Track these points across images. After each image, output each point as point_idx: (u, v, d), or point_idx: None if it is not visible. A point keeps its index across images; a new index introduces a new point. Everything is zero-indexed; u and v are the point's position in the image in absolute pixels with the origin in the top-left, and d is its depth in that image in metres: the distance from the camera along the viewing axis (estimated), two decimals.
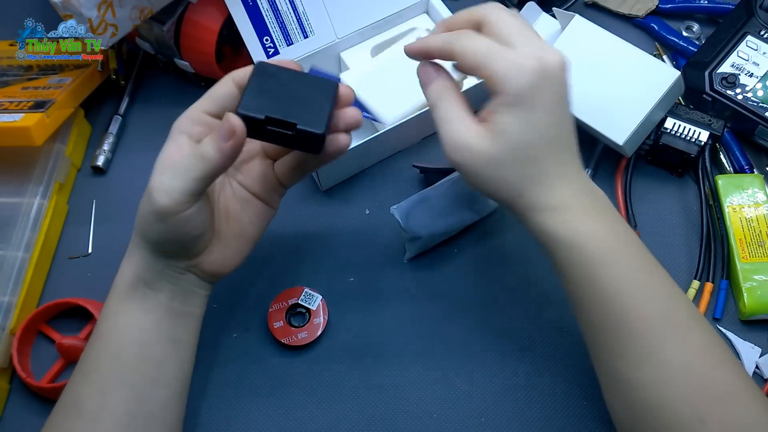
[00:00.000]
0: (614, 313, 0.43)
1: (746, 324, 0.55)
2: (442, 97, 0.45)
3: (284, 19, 0.62)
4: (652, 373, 0.42)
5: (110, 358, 0.45)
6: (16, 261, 0.56)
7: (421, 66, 0.47)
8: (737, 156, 0.62)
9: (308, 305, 0.55)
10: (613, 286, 0.43)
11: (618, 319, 0.43)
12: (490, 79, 0.42)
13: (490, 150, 0.43)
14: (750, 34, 0.63)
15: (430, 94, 0.46)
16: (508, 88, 0.41)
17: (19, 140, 0.56)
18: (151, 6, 0.59)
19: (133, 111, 0.68)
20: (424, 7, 0.68)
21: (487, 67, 0.42)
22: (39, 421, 0.53)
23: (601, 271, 0.43)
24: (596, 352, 0.45)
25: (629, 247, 0.44)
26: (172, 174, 0.43)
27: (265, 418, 0.53)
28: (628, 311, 0.42)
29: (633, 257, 0.44)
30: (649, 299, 0.43)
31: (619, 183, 0.61)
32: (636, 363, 0.42)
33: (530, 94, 0.42)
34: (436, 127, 0.45)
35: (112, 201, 0.63)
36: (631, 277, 0.43)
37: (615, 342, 0.43)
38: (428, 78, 0.46)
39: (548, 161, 0.43)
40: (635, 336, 0.42)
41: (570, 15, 0.60)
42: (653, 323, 0.42)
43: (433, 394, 0.53)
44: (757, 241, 0.57)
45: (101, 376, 0.45)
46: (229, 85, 0.45)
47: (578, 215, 0.44)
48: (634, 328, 0.42)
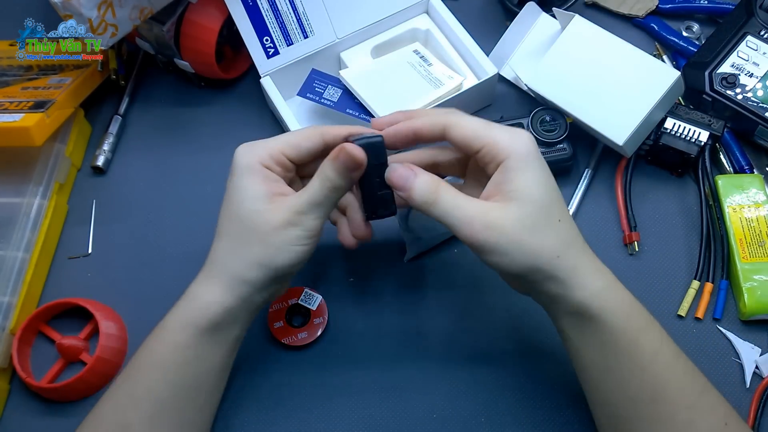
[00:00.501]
0: (652, 383, 0.43)
1: (746, 324, 0.55)
2: (438, 190, 0.43)
3: (284, 19, 0.62)
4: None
5: (169, 388, 0.45)
6: (16, 261, 0.56)
7: (392, 171, 0.45)
8: (737, 156, 0.62)
9: (308, 305, 0.55)
10: (651, 356, 0.44)
11: (655, 388, 0.43)
12: (493, 146, 0.42)
13: (520, 216, 0.41)
14: (750, 34, 0.63)
15: (420, 192, 0.43)
16: (514, 151, 0.42)
17: (19, 140, 0.56)
18: (151, 6, 0.59)
19: (133, 111, 0.68)
20: (424, 7, 0.68)
21: (488, 135, 0.43)
22: (39, 422, 0.53)
23: (642, 338, 0.44)
24: (622, 424, 0.45)
25: (652, 318, 0.46)
26: (316, 205, 0.44)
27: (265, 418, 0.53)
28: (666, 381, 0.43)
29: (660, 329, 0.45)
30: (683, 369, 0.45)
31: (619, 183, 0.61)
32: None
33: (535, 155, 0.43)
34: (446, 222, 0.43)
35: (112, 201, 0.63)
36: (666, 348, 0.44)
37: (652, 411, 0.43)
38: (408, 177, 0.44)
39: (569, 223, 0.44)
40: (674, 405, 0.43)
41: (570, 15, 0.60)
42: (688, 393, 0.44)
43: (433, 394, 0.53)
44: (757, 241, 0.57)
45: (154, 405, 0.44)
46: (318, 141, 0.46)
47: (614, 281, 0.44)
48: (672, 399, 0.43)
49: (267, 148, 0.45)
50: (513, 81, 0.67)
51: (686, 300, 0.56)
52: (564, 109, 0.60)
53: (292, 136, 0.47)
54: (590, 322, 0.43)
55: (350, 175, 0.44)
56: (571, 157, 0.60)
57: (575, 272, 0.43)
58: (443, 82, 0.62)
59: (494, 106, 0.67)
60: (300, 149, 0.46)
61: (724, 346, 0.55)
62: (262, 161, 0.45)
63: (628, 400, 0.44)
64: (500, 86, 0.67)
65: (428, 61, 0.64)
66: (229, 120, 0.67)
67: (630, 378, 0.44)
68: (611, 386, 0.44)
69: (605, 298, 0.43)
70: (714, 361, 0.54)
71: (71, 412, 0.53)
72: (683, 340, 0.55)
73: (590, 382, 0.46)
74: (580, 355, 0.45)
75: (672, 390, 0.43)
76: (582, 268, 0.43)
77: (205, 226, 0.48)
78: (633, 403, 0.44)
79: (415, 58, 0.65)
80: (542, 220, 0.42)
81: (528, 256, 0.42)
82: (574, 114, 0.59)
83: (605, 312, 0.43)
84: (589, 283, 0.43)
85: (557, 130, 0.60)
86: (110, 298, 0.58)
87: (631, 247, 0.59)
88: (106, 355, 0.54)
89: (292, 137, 0.46)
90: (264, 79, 0.63)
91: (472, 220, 0.42)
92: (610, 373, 0.44)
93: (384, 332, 0.56)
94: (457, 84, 0.63)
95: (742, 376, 0.53)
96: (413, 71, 0.63)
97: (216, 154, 0.64)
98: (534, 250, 0.42)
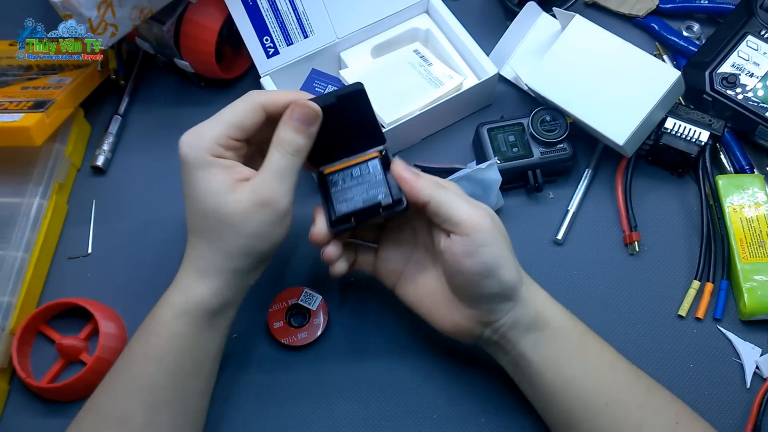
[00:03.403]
0: (603, 384, 0.46)
1: (746, 324, 0.55)
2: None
3: (284, 18, 0.62)
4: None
5: (167, 377, 0.45)
6: (16, 261, 0.56)
7: (405, 171, 0.47)
8: (737, 156, 0.62)
9: (308, 305, 0.55)
10: (598, 356, 0.47)
11: (608, 390, 0.46)
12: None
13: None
14: (750, 34, 0.62)
15: (423, 191, 0.46)
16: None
17: (18, 140, 0.55)
18: (150, 6, 0.59)
19: (132, 111, 0.68)
20: (424, 7, 0.67)
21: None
22: (38, 422, 0.53)
23: (587, 339, 0.47)
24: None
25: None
26: (281, 177, 0.44)
27: (264, 418, 0.53)
28: (615, 380, 0.46)
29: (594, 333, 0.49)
30: (626, 369, 0.47)
31: (620, 183, 0.61)
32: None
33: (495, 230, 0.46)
34: (442, 213, 0.45)
35: (111, 201, 0.63)
36: (607, 348, 0.48)
37: (608, 414, 0.45)
38: (415, 178, 0.47)
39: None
40: (627, 407, 0.45)
41: (570, 15, 0.60)
42: (635, 391, 0.46)
43: (433, 394, 0.53)
44: (758, 242, 0.56)
45: (155, 394, 0.45)
46: (261, 114, 0.45)
47: (548, 294, 0.49)
48: (623, 400, 0.45)
49: (212, 137, 0.44)
50: (513, 81, 0.67)
51: (687, 300, 0.56)
52: (564, 108, 0.60)
53: (232, 115, 0.45)
54: (545, 333, 0.46)
55: (310, 131, 0.45)
56: (571, 157, 0.60)
57: (527, 287, 0.47)
58: (443, 82, 0.62)
59: (494, 105, 0.67)
60: (245, 128, 0.45)
61: (725, 347, 0.55)
62: (211, 151, 0.44)
63: (586, 406, 0.45)
64: (500, 86, 0.67)
65: (428, 61, 0.64)
66: None
67: (585, 383, 0.45)
68: (570, 397, 0.46)
69: (550, 306, 0.48)
70: (714, 362, 0.54)
71: (71, 412, 0.53)
72: (684, 341, 0.55)
73: (550, 400, 0.47)
74: (540, 374, 0.46)
75: (621, 390, 0.45)
76: (529, 283, 0.48)
77: None
78: (590, 409, 0.45)
79: (415, 58, 0.64)
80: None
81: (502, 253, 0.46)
82: (575, 114, 0.59)
83: (555, 318, 0.47)
84: (538, 296, 0.47)
85: (557, 129, 0.60)
86: (110, 298, 0.58)
87: (632, 247, 0.58)
88: (106, 355, 0.54)
89: (233, 117, 0.45)
90: (264, 79, 0.63)
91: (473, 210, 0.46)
92: (567, 384, 0.46)
93: (384, 332, 0.56)
94: (458, 84, 0.63)
95: (742, 376, 0.53)
96: (413, 71, 0.63)
97: None
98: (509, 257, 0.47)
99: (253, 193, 0.43)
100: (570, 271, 0.58)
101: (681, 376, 0.53)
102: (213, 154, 0.44)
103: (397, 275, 0.51)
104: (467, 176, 0.56)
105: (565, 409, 0.46)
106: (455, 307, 0.47)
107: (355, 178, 0.48)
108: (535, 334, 0.46)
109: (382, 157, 0.48)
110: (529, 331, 0.46)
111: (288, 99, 0.46)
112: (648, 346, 0.54)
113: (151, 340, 0.45)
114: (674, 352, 0.54)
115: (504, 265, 0.45)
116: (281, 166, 0.44)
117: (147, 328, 0.46)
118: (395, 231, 0.51)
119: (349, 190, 0.48)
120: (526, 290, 0.47)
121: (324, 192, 0.49)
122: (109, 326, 0.55)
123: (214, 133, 0.44)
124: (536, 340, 0.46)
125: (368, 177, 0.48)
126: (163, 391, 0.45)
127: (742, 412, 0.52)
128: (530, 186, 0.60)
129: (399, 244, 0.51)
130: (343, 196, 0.48)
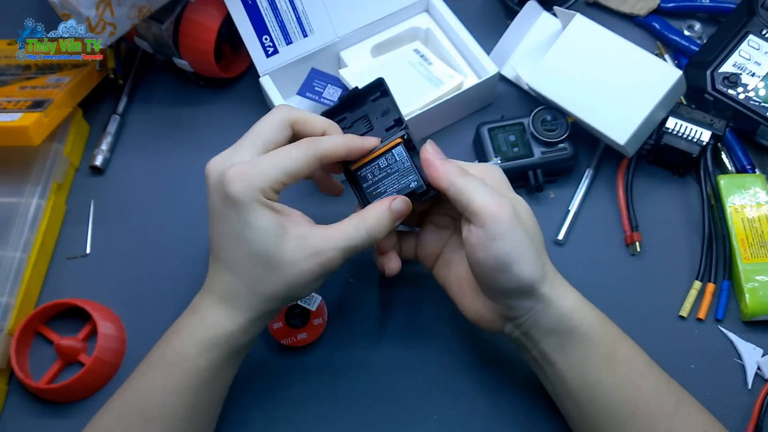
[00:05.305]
0: (631, 394, 0.45)
1: (748, 324, 0.55)
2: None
3: (283, 18, 0.62)
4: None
5: (186, 409, 0.45)
6: (14, 261, 0.56)
7: (432, 157, 0.46)
8: (739, 156, 0.62)
9: (308, 306, 0.55)
10: (628, 365, 0.45)
11: (635, 400, 0.44)
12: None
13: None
14: (752, 33, 0.62)
15: (442, 176, 0.45)
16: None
17: (17, 140, 0.55)
18: (149, 5, 0.59)
19: (131, 110, 0.68)
20: (424, 6, 0.67)
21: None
22: (37, 422, 0.53)
23: (618, 348, 0.46)
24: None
25: (621, 330, 0.48)
26: (348, 250, 0.44)
27: (264, 419, 0.53)
28: (644, 390, 0.45)
29: (631, 340, 0.48)
30: (657, 379, 0.46)
31: (621, 183, 0.61)
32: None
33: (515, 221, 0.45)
34: (461, 199, 0.44)
35: (110, 201, 0.63)
36: (640, 357, 0.47)
37: (635, 424, 0.44)
38: (437, 161, 0.46)
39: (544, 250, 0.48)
40: (654, 417, 0.44)
41: (571, 14, 0.60)
42: (665, 402, 0.45)
43: (433, 395, 0.53)
44: (759, 242, 0.56)
45: (171, 424, 0.44)
46: (316, 165, 0.44)
47: (582, 296, 0.47)
48: (651, 410, 0.44)
49: (267, 180, 0.42)
50: (514, 80, 0.67)
51: (688, 300, 0.56)
52: (565, 108, 0.59)
53: (288, 162, 0.43)
54: (571, 337, 0.45)
55: (396, 224, 0.46)
56: (572, 157, 0.60)
57: (553, 287, 0.45)
58: (443, 81, 0.62)
59: (495, 105, 0.66)
60: (298, 176, 0.44)
61: (726, 347, 0.54)
62: (266, 195, 0.42)
63: (612, 414, 0.44)
64: (501, 85, 0.67)
65: (428, 60, 0.64)
66: (228, 119, 0.67)
67: (612, 390, 0.44)
68: (594, 402, 0.45)
69: (581, 310, 0.45)
70: (716, 362, 0.54)
71: (69, 413, 0.53)
72: (685, 341, 0.55)
73: (573, 403, 0.46)
74: (563, 376, 0.45)
75: (650, 400, 0.44)
76: (558, 283, 0.46)
77: (204, 227, 0.48)
78: (616, 417, 0.44)
79: (415, 57, 0.64)
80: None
81: (522, 246, 0.44)
82: (576, 113, 0.59)
83: (584, 324, 0.45)
84: (566, 297, 0.45)
85: (558, 129, 0.60)
86: (108, 299, 0.58)
87: (633, 248, 0.58)
88: (105, 356, 0.54)
89: (290, 164, 0.43)
90: (263, 79, 0.63)
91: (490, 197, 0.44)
92: (593, 389, 0.45)
93: (383, 333, 0.56)
94: (458, 83, 0.62)
95: (743, 377, 0.53)
96: (413, 70, 0.63)
97: (215, 153, 0.63)
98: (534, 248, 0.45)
99: (315, 252, 0.43)
100: (571, 271, 0.57)
101: (682, 377, 0.52)
102: (266, 197, 0.42)
103: (435, 257, 0.51)
104: None
105: (588, 414, 0.45)
106: (478, 297, 0.47)
107: (383, 169, 0.47)
108: (559, 337, 0.45)
109: (405, 141, 0.47)
110: (553, 333, 0.45)
111: (347, 149, 0.46)
112: (649, 347, 0.54)
113: (173, 373, 0.44)
114: (675, 353, 0.54)
115: (520, 261, 0.43)
116: (354, 241, 0.44)
117: (168, 358, 0.44)
118: (436, 215, 0.51)
119: (380, 183, 0.47)
120: (552, 289, 0.44)
121: (357, 189, 0.48)
122: (107, 327, 0.55)
123: (269, 176, 0.42)
124: (560, 343, 0.45)
125: (396, 165, 0.47)
126: (180, 422, 0.45)
127: (743, 413, 0.52)
128: (531, 186, 0.60)
129: (439, 226, 0.51)
130: (376, 189, 0.47)
